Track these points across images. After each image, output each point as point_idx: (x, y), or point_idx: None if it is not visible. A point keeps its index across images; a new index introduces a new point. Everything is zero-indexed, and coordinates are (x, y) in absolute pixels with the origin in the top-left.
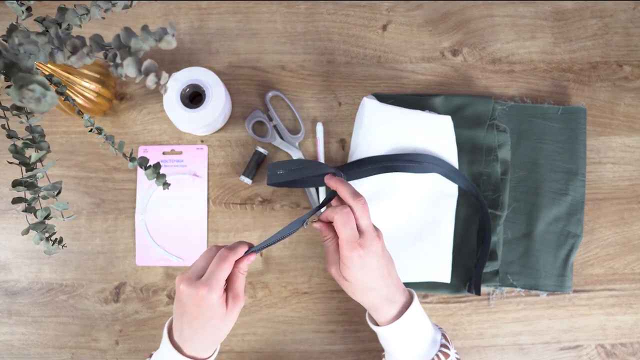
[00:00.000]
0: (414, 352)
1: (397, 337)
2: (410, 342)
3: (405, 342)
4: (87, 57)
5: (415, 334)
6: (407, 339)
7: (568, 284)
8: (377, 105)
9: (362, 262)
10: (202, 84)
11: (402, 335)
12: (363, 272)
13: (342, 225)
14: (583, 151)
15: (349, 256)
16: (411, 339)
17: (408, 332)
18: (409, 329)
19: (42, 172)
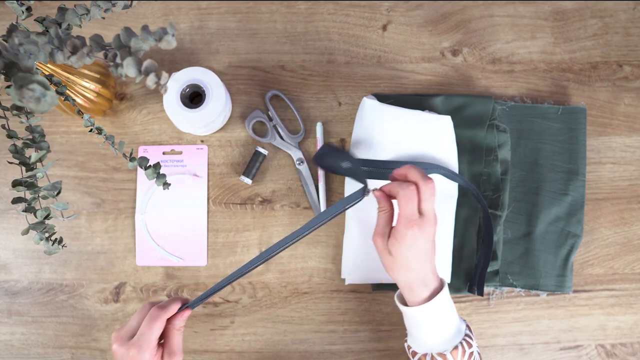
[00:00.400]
0: (440, 337)
1: (426, 319)
2: (438, 326)
3: (433, 325)
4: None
5: (442, 319)
6: (434, 323)
7: (568, 284)
8: (377, 105)
9: (414, 241)
10: (202, 84)
11: (430, 318)
12: (411, 251)
13: (406, 202)
14: (583, 151)
15: (404, 233)
16: (438, 323)
17: (436, 315)
18: (438, 313)
19: (42, 172)
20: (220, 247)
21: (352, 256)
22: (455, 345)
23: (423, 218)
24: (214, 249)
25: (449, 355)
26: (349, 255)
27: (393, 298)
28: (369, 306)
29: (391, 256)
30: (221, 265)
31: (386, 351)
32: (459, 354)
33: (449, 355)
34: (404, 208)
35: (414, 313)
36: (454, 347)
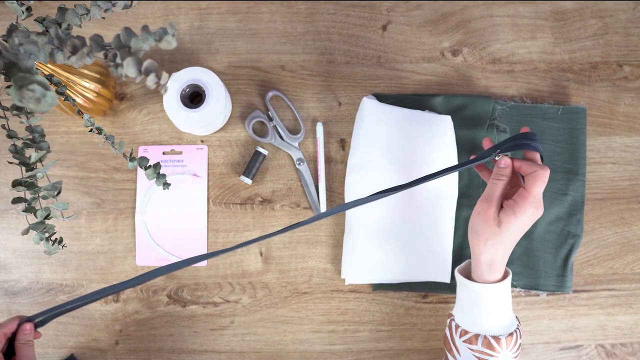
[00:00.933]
0: (500, 321)
1: (494, 299)
2: (502, 309)
3: (498, 307)
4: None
5: (507, 303)
6: (500, 305)
7: (568, 284)
8: (377, 105)
9: (528, 220)
10: (202, 84)
11: (499, 299)
12: (519, 228)
13: (541, 182)
14: (583, 151)
15: (525, 209)
16: (503, 306)
17: (504, 298)
18: (506, 296)
19: (42, 172)
20: (220, 247)
21: (352, 256)
22: (510, 332)
23: (542, 203)
24: (214, 249)
25: (504, 341)
26: (349, 255)
27: (393, 298)
28: (369, 306)
29: (497, 227)
30: (221, 265)
31: (386, 351)
32: (512, 341)
33: (504, 340)
34: (536, 187)
35: (485, 290)
36: (509, 334)
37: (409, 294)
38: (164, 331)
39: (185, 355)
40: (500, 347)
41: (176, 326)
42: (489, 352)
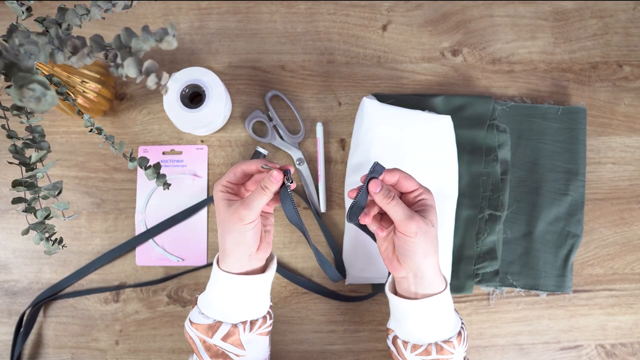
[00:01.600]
0: (448, 324)
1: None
2: (450, 313)
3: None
4: (88, 58)
5: (452, 304)
6: (448, 310)
7: (568, 284)
8: (377, 105)
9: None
10: (202, 84)
11: (448, 304)
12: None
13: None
14: (583, 151)
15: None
16: (450, 310)
17: (449, 302)
18: (450, 299)
19: (42, 172)
20: None
21: (351, 256)
22: (458, 332)
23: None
24: (214, 249)
25: (455, 341)
26: (348, 256)
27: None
28: (369, 306)
29: (434, 227)
30: None
31: (386, 351)
32: (461, 339)
33: (455, 341)
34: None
35: (435, 303)
36: (458, 333)
37: None
38: (164, 331)
39: (185, 355)
40: (453, 348)
41: (176, 326)
42: (444, 358)
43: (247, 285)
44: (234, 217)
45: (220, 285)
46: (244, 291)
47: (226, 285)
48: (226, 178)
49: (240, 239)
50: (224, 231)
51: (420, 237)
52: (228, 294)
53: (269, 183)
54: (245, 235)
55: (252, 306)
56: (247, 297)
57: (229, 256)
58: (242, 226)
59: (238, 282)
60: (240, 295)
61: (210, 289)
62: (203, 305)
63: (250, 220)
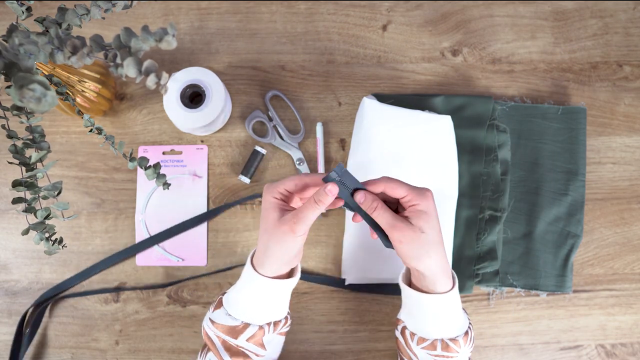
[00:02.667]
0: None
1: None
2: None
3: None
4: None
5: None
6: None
7: (568, 284)
8: (377, 105)
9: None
10: (202, 84)
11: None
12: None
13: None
14: (583, 151)
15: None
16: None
17: (457, 302)
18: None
19: (42, 172)
20: (220, 247)
21: (351, 256)
22: (465, 331)
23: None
24: (214, 249)
25: (461, 341)
26: (348, 256)
27: (393, 298)
28: (369, 306)
29: (424, 233)
30: (221, 265)
31: (386, 351)
32: (468, 339)
33: (461, 340)
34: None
35: (442, 301)
36: (465, 333)
37: None
38: (164, 331)
39: (185, 355)
40: (459, 347)
41: (176, 326)
42: (449, 355)
43: (279, 288)
44: (286, 229)
45: (253, 288)
46: (274, 294)
47: (260, 288)
48: (285, 186)
49: (289, 249)
50: (271, 239)
51: (406, 244)
52: (260, 297)
53: (324, 197)
54: (295, 245)
55: (278, 308)
56: (276, 300)
57: (271, 263)
58: (294, 238)
59: (271, 285)
60: (270, 297)
61: (241, 290)
62: (230, 307)
63: (302, 233)
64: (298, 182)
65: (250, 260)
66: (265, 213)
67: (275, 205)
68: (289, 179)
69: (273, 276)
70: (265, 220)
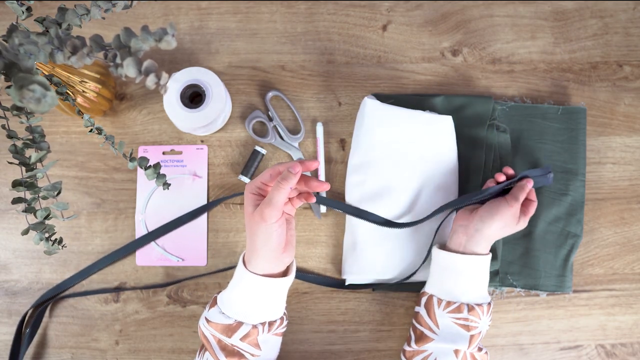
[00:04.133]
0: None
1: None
2: (486, 278)
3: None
4: (87, 58)
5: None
6: (487, 274)
7: (568, 284)
8: (378, 106)
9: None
10: (202, 84)
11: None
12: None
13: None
14: (583, 151)
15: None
16: (487, 276)
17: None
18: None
19: (42, 172)
20: (220, 247)
21: (352, 256)
22: (489, 302)
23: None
24: (214, 249)
25: (485, 308)
26: (349, 255)
27: (393, 298)
28: (369, 306)
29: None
30: (221, 265)
31: (386, 351)
32: (489, 309)
33: (485, 307)
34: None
35: (477, 260)
36: (488, 303)
37: (409, 294)
38: (164, 331)
39: (185, 355)
40: (482, 313)
41: (176, 326)
42: (473, 319)
43: (271, 287)
44: (257, 217)
45: (244, 286)
46: (267, 293)
47: (250, 285)
48: (260, 179)
49: (266, 239)
50: (251, 232)
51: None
52: (251, 295)
53: (288, 175)
54: (271, 235)
55: (272, 307)
56: (269, 299)
57: (256, 257)
58: (267, 226)
59: (262, 283)
60: (262, 296)
61: (233, 288)
62: (223, 305)
63: (274, 220)
64: (272, 172)
65: (242, 258)
66: (245, 210)
67: (251, 200)
68: (265, 171)
69: (264, 274)
70: (245, 217)
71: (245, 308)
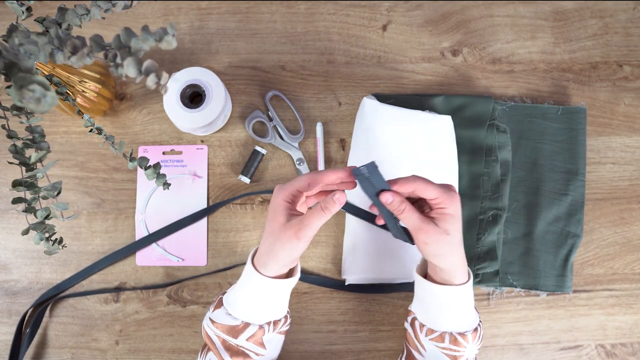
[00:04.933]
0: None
1: (462, 299)
2: (468, 306)
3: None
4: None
5: (471, 301)
6: (467, 303)
7: (568, 284)
8: (377, 106)
9: (460, 208)
10: (202, 84)
11: (466, 298)
12: (460, 220)
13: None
14: (583, 151)
15: (453, 203)
16: (469, 304)
17: (470, 296)
18: (471, 294)
19: (42, 172)
20: (220, 247)
21: (352, 256)
22: (475, 328)
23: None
24: (214, 249)
25: (470, 336)
26: (349, 255)
27: (393, 298)
28: (369, 306)
29: (449, 235)
30: (221, 265)
31: (386, 351)
32: (477, 335)
33: (470, 336)
34: (431, 190)
35: (454, 293)
36: (474, 329)
37: (409, 294)
38: (164, 331)
39: (185, 355)
40: (467, 342)
41: (176, 326)
42: (456, 349)
43: (280, 288)
44: (291, 234)
45: (252, 287)
46: (275, 293)
47: (260, 287)
48: (296, 186)
49: (292, 253)
50: (276, 242)
51: (431, 245)
52: (259, 296)
53: (331, 205)
54: (298, 250)
55: (277, 307)
56: (276, 299)
57: (273, 262)
58: (298, 243)
59: (272, 285)
60: (270, 297)
61: (240, 289)
62: (230, 306)
63: (307, 240)
64: (310, 181)
65: (251, 260)
66: (273, 215)
67: (284, 209)
68: (300, 179)
69: (274, 276)
70: (272, 222)
71: (252, 308)
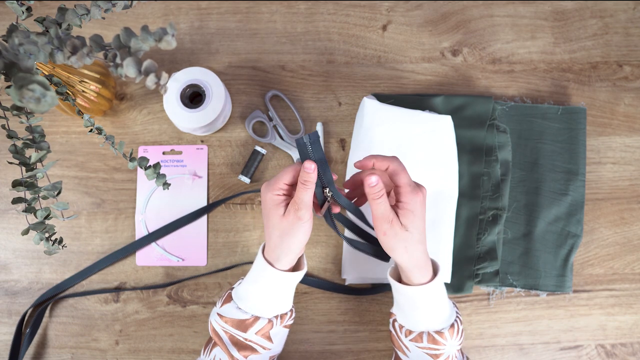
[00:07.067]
0: (440, 316)
1: (430, 298)
2: (439, 304)
3: (436, 304)
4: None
5: (443, 298)
6: (437, 301)
7: (568, 284)
8: (377, 105)
9: (423, 208)
10: (202, 84)
11: (435, 297)
12: (422, 220)
13: (402, 171)
14: (583, 151)
15: (415, 200)
16: (440, 301)
17: (440, 294)
18: (441, 292)
19: (42, 172)
20: (220, 247)
21: (352, 256)
22: (452, 324)
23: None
24: (214, 249)
25: (447, 333)
26: (348, 256)
27: (393, 298)
28: (369, 306)
29: (407, 232)
30: (221, 265)
31: (386, 351)
32: (454, 331)
33: (447, 333)
34: (403, 178)
35: (420, 293)
36: (451, 326)
37: None
38: (164, 331)
39: (185, 355)
40: (445, 340)
41: (176, 326)
42: (435, 347)
43: (291, 280)
44: (292, 218)
45: (265, 281)
46: (285, 286)
47: (272, 281)
48: (283, 180)
49: (301, 237)
50: (283, 233)
51: (390, 238)
52: (271, 290)
53: (306, 176)
54: (305, 232)
55: (285, 300)
56: (285, 292)
57: (287, 254)
58: (302, 224)
59: (284, 278)
60: (280, 290)
61: (253, 284)
62: (240, 301)
63: (309, 217)
64: (294, 173)
65: (263, 255)
66: (268, 212)
67: (279, 202)
68: (284, 172)
69: (286, 269)
70: (271, 218)
71: (263, 303)
